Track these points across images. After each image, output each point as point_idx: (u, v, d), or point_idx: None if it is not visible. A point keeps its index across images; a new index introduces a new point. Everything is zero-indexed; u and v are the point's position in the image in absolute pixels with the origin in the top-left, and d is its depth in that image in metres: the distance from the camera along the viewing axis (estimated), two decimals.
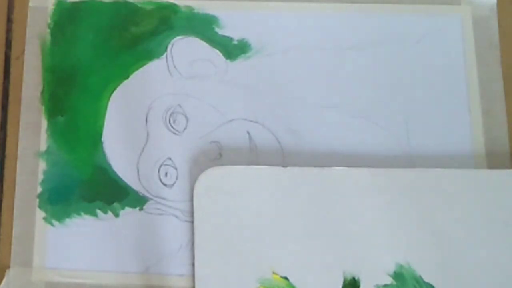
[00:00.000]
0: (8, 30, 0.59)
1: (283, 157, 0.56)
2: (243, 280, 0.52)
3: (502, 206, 0.53)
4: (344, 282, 0.52)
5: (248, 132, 0.57)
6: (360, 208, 0.53)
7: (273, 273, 0.52)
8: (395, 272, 0.52)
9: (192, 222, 0.54)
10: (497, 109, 0.57)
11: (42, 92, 0.57)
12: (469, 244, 0.52)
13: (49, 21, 0.59)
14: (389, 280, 0.52)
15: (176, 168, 0.56)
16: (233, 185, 0.54)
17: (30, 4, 0.59)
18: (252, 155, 0.56)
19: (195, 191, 0.54)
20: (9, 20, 0.59)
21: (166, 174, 0.56)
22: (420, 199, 0.53)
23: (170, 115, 0.57)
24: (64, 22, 0.59)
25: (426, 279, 0.52)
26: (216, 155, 0.56)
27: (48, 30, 0.59)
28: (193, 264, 0.53)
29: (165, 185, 0.55)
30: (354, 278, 0.52)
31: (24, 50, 0.58)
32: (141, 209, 0.55)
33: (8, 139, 0.57)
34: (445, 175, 0.53)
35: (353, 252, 0.52)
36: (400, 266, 0.52)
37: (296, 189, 0.53)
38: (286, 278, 0.52)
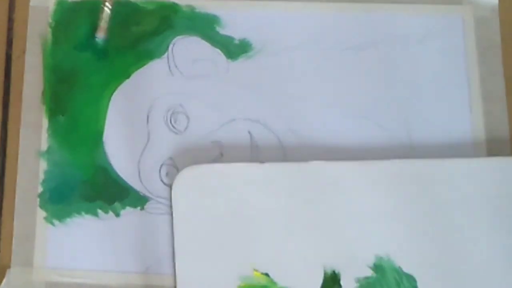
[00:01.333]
0: (9, 29, 0.59)
1: (284, 157, 0.56)
2: (224, 279, 0.52)
3: (501, 194, 0.53)
4: (324, 276, 0.52)
5: (249, 132, 0.57)
6: (338, 202, 0.53)
7: (254, 270, 0.52)
8: (374, 264, 0.52)
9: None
10: (498, 109, 0.57)
11: (43, 91, 0.57)
12: (469, 233, 0.52)
13: (50, 21, 0.59)
14: (369, 272, 0.52)
15: (177, 168, 0.56)
16: (211, 183, 0.54)
17: (31, 3, 0.59)
18: (253, 154, 0.56)
19: (173, 192, 0.53)
20: (10, 19, 0.59)
21: (167, 174, 0.56)
22: (404, 189, 0.53)
23: (171, 114, 0.57)
24: (65, 21, 0.59)
25: (406, 270, 0.52)
26: (217, 155, 0.56)
27: (49, 30, 0.59)
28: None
29: (166, 184, 0.55)
30: (334, 272, 0.52)
31: (25, 49, 0.58)
32: (142, 208, 0.55)
33: (9, 138, 0.57)
34: (438, 163, 0.54)
35: (333, 246, 0.52)
36: (380, 258, 0.52)
37: (274, 185, 0.53)
38: (267, 275, 0.52)
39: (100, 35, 0.57)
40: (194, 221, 0.53)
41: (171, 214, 0.53)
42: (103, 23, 0.55)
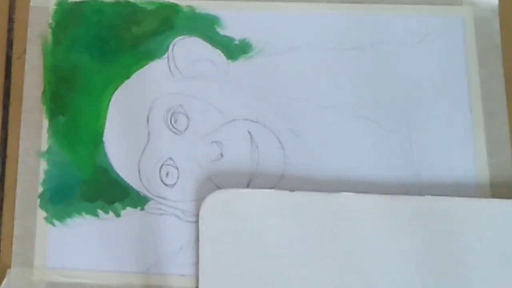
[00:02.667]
0: (10, 30, 0.59)
1: (284, 157, 0.56)
2: None
3: (504, 236, 0.53)
4: None
5: (249, 132, 0.57)
6: (366, 234, 0.53)
7: None
8: None
9: (194, 222, 0.54)
10: (498, 109, 0.57)
11: (44, 92, 0.57)
12: (471, 273, 0.52)
13: (50, 21, 0.59)
14: None
15: (177, 168, 0.56)
16: (238, 208, 0.53)
17: (32, 3, 0.59)
18: (254, 155, 0.56)
19: (200, 214, 0.53)
20: (11, 20, 0.59)
21: (167, 174, 0.56)
22: (426, 226, 0.53)
23: (172, 115, 0.57)
24: (65, 22, 0.59)
25: None
26: (217, 155, 0.56)
27: (50, 30, 0.59)
28: (194, 265, 0.53)
29: (166, 185, 0.55)
30: None
31: (25, 50, 0.58)
32: (142, 209, 0.55)
33: (9, 138, 0.57)
34: (451, 204, 0.53)
35: (359, 279, 0.52)
36: None
37: (303, 214, 0.53)
38: None
39: None
40: (220, 245, 0.53)
41: (197, 238, 0.53)
42: None
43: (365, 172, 0.56)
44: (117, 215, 0.55)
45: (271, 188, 0.55)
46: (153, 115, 0.57)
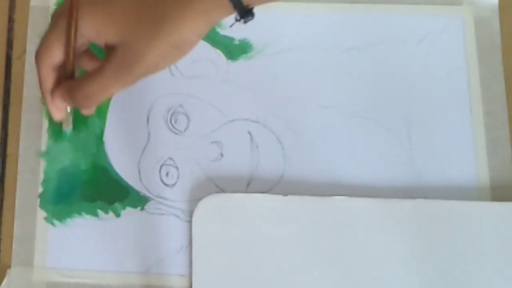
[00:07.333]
0: (10, 30, 0.59)
1: (284, 157, 0.56)
2: None
3: (505, 238, 0.53)
4: None
5: (249, 132, 0.57)
6: (360, 238, 0.53)
7: None
8: None
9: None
10: (498, 109, 0.57)
11: None
12: (472, 276, 0.52)
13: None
14: None
15: (177, 168, 0.56)
16: (232, 213, 0.53)
17: (32, 3, 0.59)
18: (253, 155, 0.56)
19: (194, 218, 0.53)
20: (11, 20, 0.59)
21: (167, 174, 0.56)
22: (422, 230, 0.53)
23: (172, 115, 0.57)
24: None
25: None
26: (217, 155, 0.56)
27: None
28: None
29: (166, 185, 0.55)
30: None
31: (25, 49, 0.58)
32: (142, 209, 0.55)
33: (9, 138, 0.57)
34: (447, 207, 0.53)
35: (354, 283, 0.52)
36: None
37: (296, 218, 0.53)
38: None
39: (67, 128, 0.55)
40: (213, 248, 0.53)
41: (191, 243, 0.53)
42: (68, 117, 0.53)
43: (365, 171, 0.56)
44: (117, 215, 0.55)
45: (271, 188, 0.55)
46: (153, 115, 0.57)
